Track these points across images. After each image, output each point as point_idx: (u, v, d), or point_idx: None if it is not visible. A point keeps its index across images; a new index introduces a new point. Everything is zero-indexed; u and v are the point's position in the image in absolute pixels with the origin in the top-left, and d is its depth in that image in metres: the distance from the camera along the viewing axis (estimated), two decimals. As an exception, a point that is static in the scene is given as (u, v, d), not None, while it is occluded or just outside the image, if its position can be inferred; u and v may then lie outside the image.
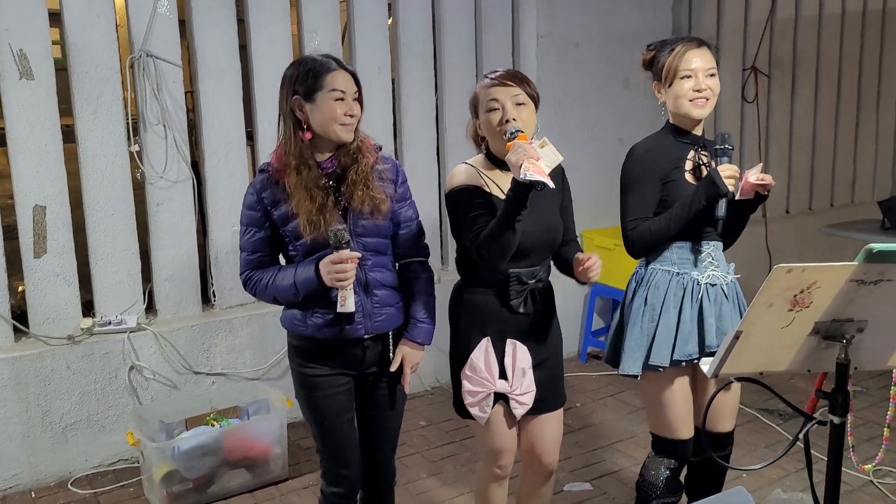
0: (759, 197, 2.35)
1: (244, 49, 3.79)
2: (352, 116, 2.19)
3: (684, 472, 2.64)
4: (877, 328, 1.69)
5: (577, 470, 3.51)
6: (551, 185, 2.06)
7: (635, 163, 2.45)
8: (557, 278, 2.51)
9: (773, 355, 1.71)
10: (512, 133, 2.16)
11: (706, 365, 1.75)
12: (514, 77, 2.28)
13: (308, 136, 2.20)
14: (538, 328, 2.39)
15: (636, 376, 2.47)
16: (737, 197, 2.32)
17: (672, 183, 2.41)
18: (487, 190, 2.29)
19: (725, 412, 2.60)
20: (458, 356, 2.39)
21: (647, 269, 2.49)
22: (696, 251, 2.43)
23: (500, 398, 2.36)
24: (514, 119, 2.21)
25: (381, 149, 2.33)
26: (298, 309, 2.28)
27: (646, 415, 2.66)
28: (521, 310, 2.33)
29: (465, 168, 2.34)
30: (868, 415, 3.91)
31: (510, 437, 2.44)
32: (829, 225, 4.92)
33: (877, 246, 1.55)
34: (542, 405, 2.41)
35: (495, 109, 2.24)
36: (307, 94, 2.18)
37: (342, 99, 2.18)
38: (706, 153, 2.46)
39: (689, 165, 2.44)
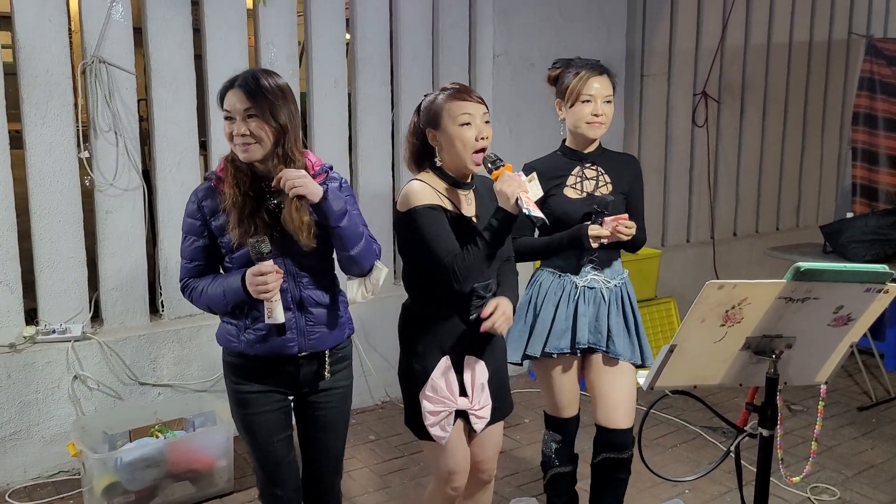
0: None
1: (199, 58, 3.78)
2: (242, 136, 2.10)
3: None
4: (804, 344, 1.75)
5: (523, 485, 3.53)
6: (547, 222, 2.19)
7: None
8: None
9: (706, 369, 1.77)
10: (497, 164, 2.21)
11: (642, 378, 1.80)
12: (478, 95, 2.31)
13: None
14: (490, 340, 2.40)
15: (517, 364, 2.72)
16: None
17: (552, 197, 2.65)
18: (446, 207, 2.29)
19: (616, 405, 2.67)
20: (416, 377, 2.36)
21: (538, 270, 2.76)
22: (579, 258, 2.65)
23: (459, 416, 2.37)
24: (486, 137, 2.24)
25: (331, 168, 2.29)
26: (232, 323, 2.26)
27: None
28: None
29: (421, 186, 2.30)
30: (807, 433, 4.00)
31: (465, 456, 2.44)
32: (774, 248, 5.05)
33: (804, 264, 1.61)
34: (493, 415, 2.44)
35: (468, 124, 2.23)
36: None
37: (230, 118, 2.14)
38: (595, 168, 2.69)
39: (571, 180, 2.67)
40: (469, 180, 2.37)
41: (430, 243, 2.23)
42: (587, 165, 2.68)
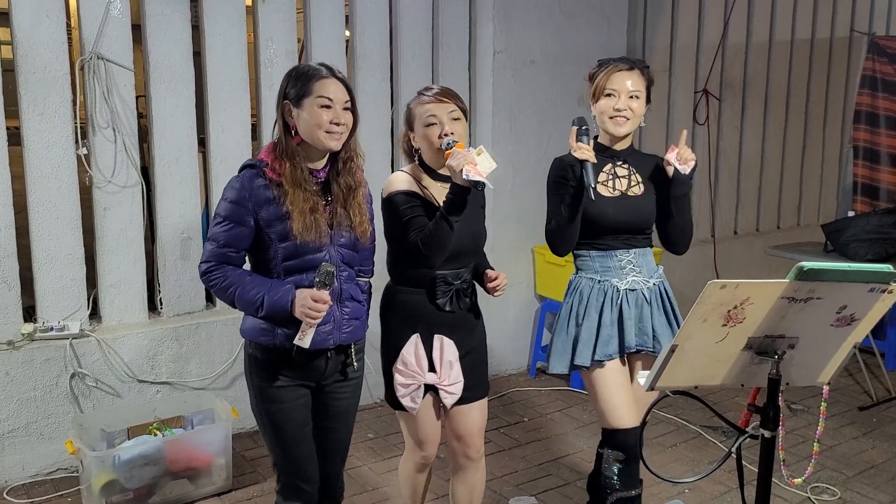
0: (679, 182, 2.57)
1: (198, 55, 3.76)
2: (338, 125, 2.19)
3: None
4: (807, 345, 1.74)
5: (522, 484, 3.52)
6: (490, 185, 2.27)
7: (553, 172, 2.67)
8: (509, 291, 2.55)
9: (707, 369, 1.75)
10: (449, 143, 2.37)
11: (643, 378, 1.78)
12: (449, 94, 2.48)
13: (296, 140, 2.22)
14: (463, 324, 2.56)
15: (565, 376, 2.72)
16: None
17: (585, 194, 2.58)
18: (422, 195, 2.48)
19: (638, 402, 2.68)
20: (390, 352, 2.55)
21: (575, 277, 2.72)
22: (617, 259, 2.64)
23: (430, 390, 2.53)
24: (451, 133, 2.41)
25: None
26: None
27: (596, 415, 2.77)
28: (447, 308, 2.50)
29: (402, 175, 2.53)
30: (808, 433, 3.99)
31: (435, 428, 2.62)
32: (775, 246, 5.04)
33: (807, 264, 1.59)
34: (467, 394, 2.57)
35: (433, 124, 2.44)
36: (296, 100, 2.20)
37: (329, 106, 2.18)
38: (626, 167, 2.67)
39: (602, 177, 2.63)
40: None
41: (402, 224, 2.42)
42: (618, 163, 2.65)
